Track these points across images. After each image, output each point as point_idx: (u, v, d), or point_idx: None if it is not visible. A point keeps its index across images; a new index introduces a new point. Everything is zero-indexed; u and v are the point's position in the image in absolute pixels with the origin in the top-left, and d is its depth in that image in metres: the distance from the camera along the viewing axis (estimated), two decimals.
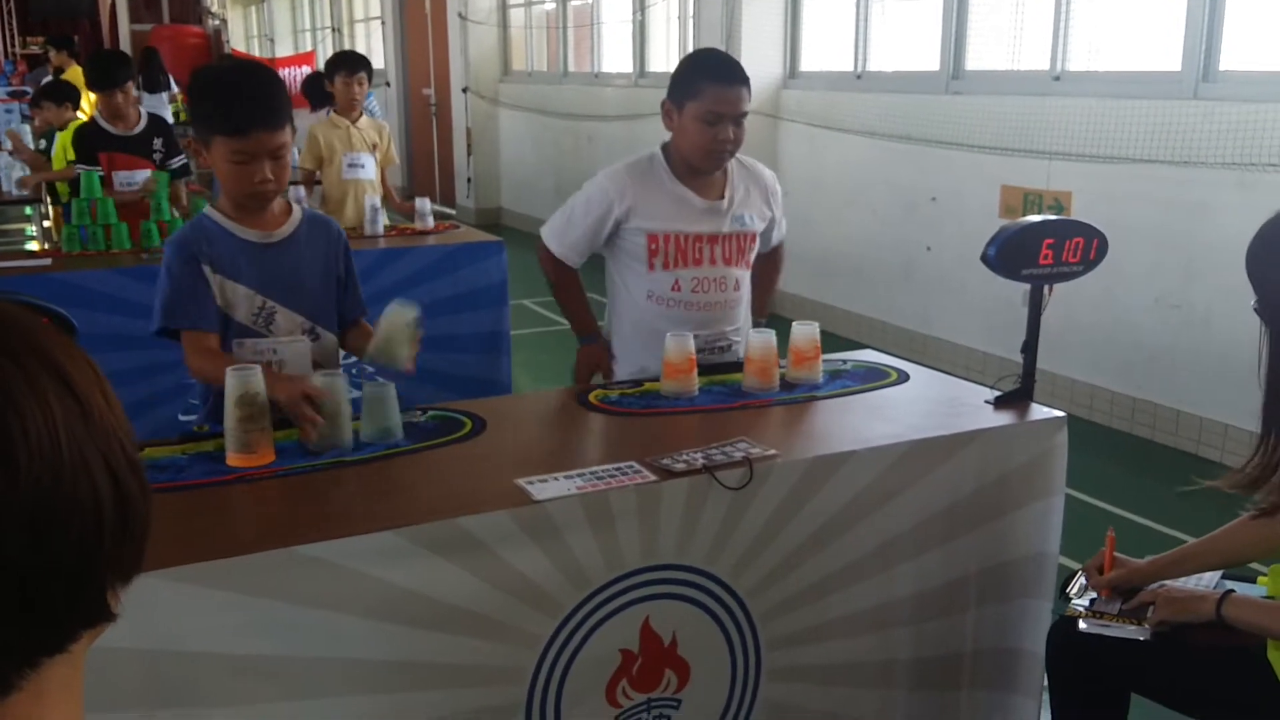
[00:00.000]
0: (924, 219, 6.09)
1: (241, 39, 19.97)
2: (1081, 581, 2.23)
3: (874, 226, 6.46)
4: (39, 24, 19.44)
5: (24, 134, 8.05)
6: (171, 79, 11.84)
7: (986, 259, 2.33)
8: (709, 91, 2.65)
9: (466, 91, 11.24)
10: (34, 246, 7.85)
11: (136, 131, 5.04)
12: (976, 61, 5.91)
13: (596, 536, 1.86)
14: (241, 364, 2.04)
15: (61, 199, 5.90)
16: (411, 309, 2.25)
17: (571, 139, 9.93)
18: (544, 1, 10.73)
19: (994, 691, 2.40)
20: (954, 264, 5.81)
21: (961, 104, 5.77)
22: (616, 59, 9.69)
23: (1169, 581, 2.14)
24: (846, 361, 2.74)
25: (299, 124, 2.47)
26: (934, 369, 2.89)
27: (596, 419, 2.34)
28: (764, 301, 3.05)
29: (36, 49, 17.25)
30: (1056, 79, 5.36)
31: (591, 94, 9.69)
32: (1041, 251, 2.34)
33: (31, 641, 0.58)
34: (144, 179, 4.96)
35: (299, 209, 2.47)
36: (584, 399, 2.43)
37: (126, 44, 18.33)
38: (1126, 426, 5.01)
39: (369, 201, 4.95)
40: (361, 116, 5.50)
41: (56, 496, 0.57)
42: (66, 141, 5.50)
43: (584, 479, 1.90)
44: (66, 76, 9.27)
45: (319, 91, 7.87)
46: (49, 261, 4.34)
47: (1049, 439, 2.32)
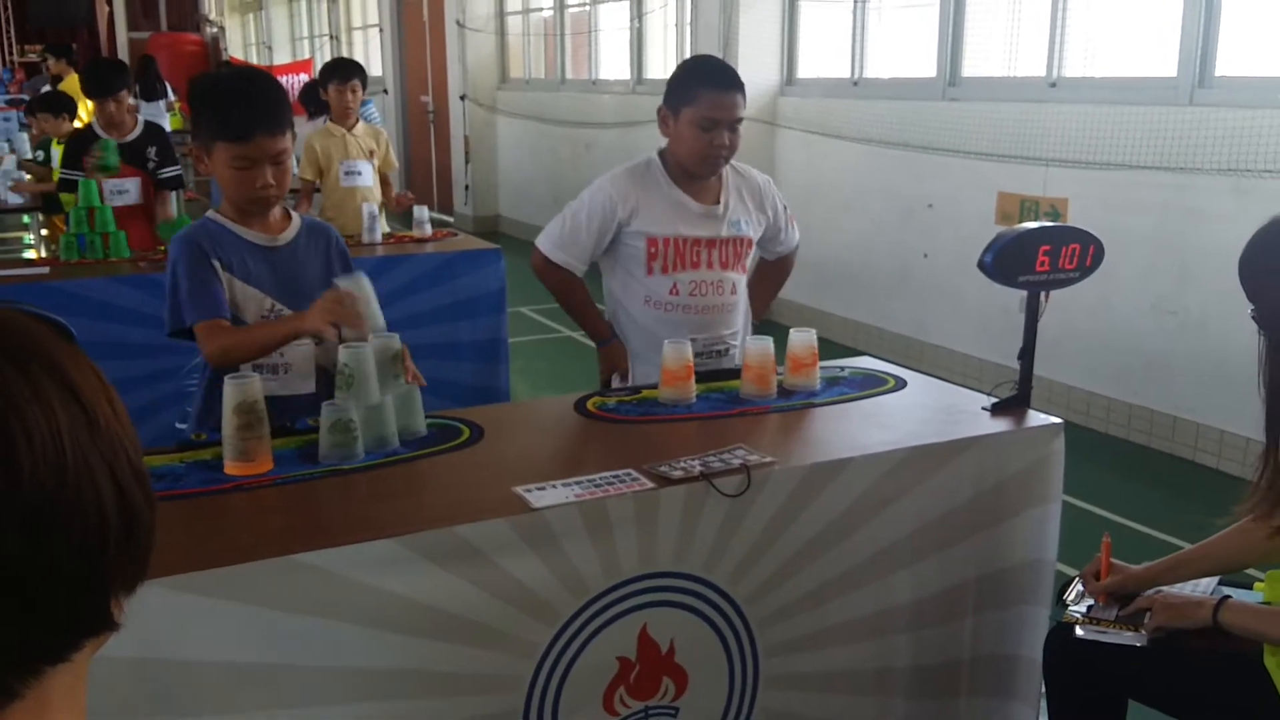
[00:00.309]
0: (921, 226, 6.09)
1: (239, 47, 19.99)
2: (1079, 588, 2.24)
3: (871, 233, 6.47)
4: (36, 32, 19.44)
5: (21, 142, 8.06)
6: (169, 87, 11.85)
7: (983, 266, 2.33)
8: (705, 97, 2.67)
9: (464, 99, 11.25)
10: (32, 255, 7.85)
11: (130, 139, 5.03)
12: (973, 68, 5.92)
13: (594, 544, 1.86)
14: (237, 374, 2.05)
15: (65, 208, 5.89)
16: (358, 279, 2.24)
17: (569, 146, 9.94)
18: (542, 9, 10.75)
19: (992, 699, 2.40)
20: (951, 271, 5.82)
21: (958, 111, 5.79)
22: (614, 66, 9.70)
23: (1166, 587, 2.14)
24: (844, 368, 2.74)
25: (297, 132, 2.47)
26: (931, 376, 2.89)
27: (594, 427, 2.34)
28: (761, 306, 3.06)
29: (34, 57, 17.26)
30: (1053, 85, 5.37)
31: (589, 101, 9.71)
32: (1038, 258, 2.34)
33: (33, 648, 0.59)
34: (134, 187, 4.94)
35: (298, 216, 2.49)
36: (582, 407, 2.43)
37: (124, 52, 18.34)
38: (1123, 433, 5.01)
39: (366, 209, 4.95)
40: (358, 124, 5.50)
41: (59, 502, 0.57)
42: (65, 151, 5.50)
43: (582, 487, 1.91)
44: (65, 85, 9.28)
45: (317, 99, 7.89)
46: (47, 270, 4.34)
47: (1046, 445, 2.32)
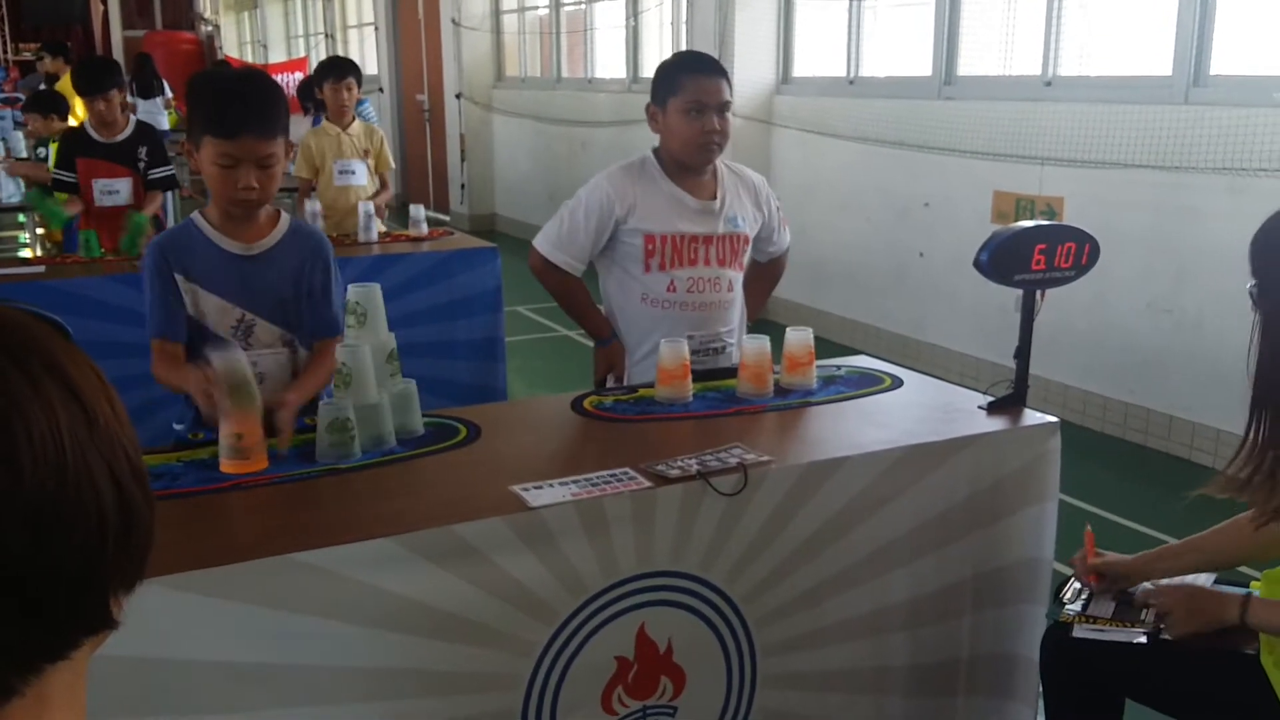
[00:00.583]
0: (917, 224, 6.10)
1: (234, 45, 19.96)
2: (1075, 586, 2.24)
3: (867, 232, 6.48)
4: (31, 29, 19.39)
5: (16, 140, 8.05)
6: (166, 84, 11.84)
7: (979, 264, 2.34)
8: (688, 84, 2.70)
9: (460, 97, 11.24)
10: (27, 254, 7.83)
11: (120, 139, 5.01)
12: (968, 67, 5.93)
13: (592, 543, 1.86)
14: (222, 350, 2.04)
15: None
16: (230, 358, 2.02)
17: (565, 145, 9.94)
18: (537, 7, 10.74)
19: (990, 698, 2.41)
20: (947, 269, 5.83)
21: (954, 109, 5.79)
22: (609, 65, 9.70)
23: (1173, 579, 2.11)
24: (840, 367, 2.74)
25: (293, 129, 2.45)
26: (927, 374, 2.89)
27: (591, 425, 2.34)
28: (756, 307, 3.06)
29: (29, 55, 17.21)
30: (1048, 84, 5.38)
31: (585, 100, 9.70)
32: (1034, 257, 2.34)
33: (32, 646, 0.59)
34: (125, 187, 4.94)
35: (286, 219, 2.44)
36: (579, 406, 2.43)
37: (119, 50, 18.32)
38: (1119, 432, 5.02)
39: (362, 208, 4.94)
40: (354, 122, 5.49)
41: (60, 500, 0.57)
42: (57, 150, 5.49)
43: (579, 485, 1.91)
44: (61, 83, 9.25)
45: (313, 97, 7.89)
46: (42, 269, 4.34)
47: (1042, 444, 2.33)
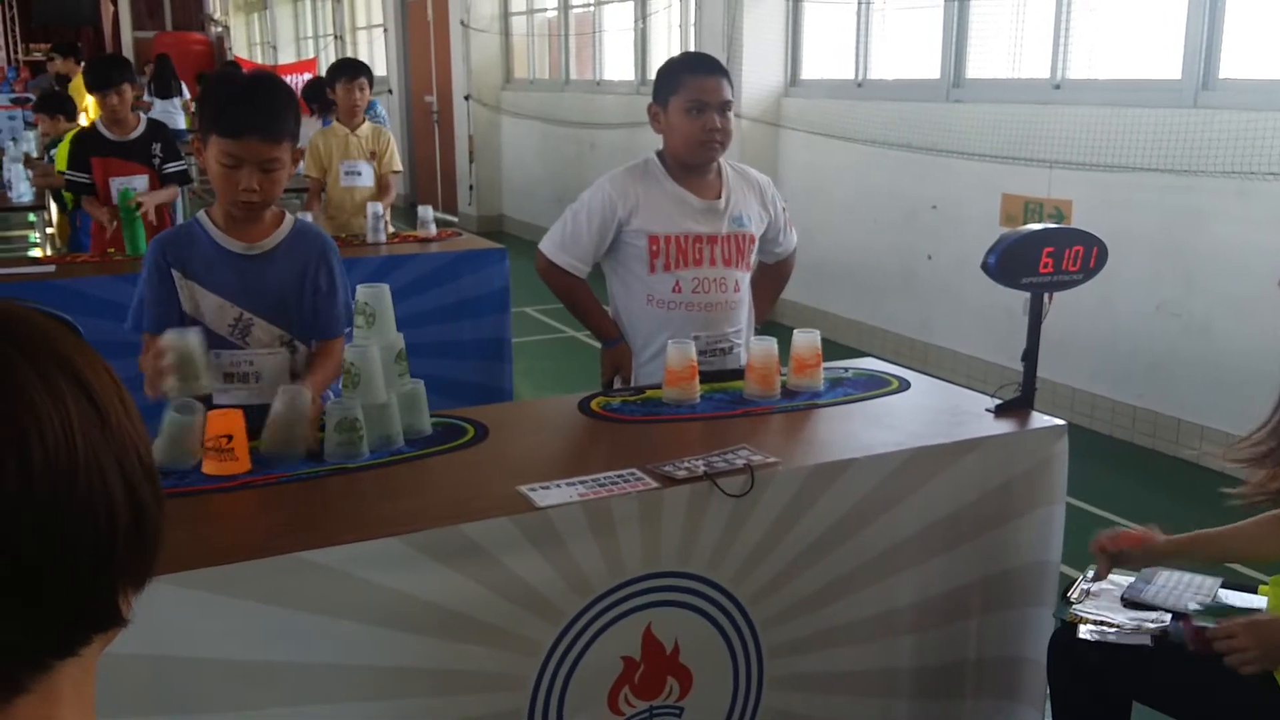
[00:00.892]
0: (925, 227, 6.09)
1: (244, 46, 20.01)
2: (1084, 587, 2.24)
3: (875, 235, 6.47)
4: (41, 30, 19.47)
5: (28, 140, 8.07)
6: (184, 86, 11.90)
7: (987, 267, 2.33)
8: (689, 83, 2.72)
9: (469, 99, 11.26)
10: (37, 253, 7.87)
11: (134, 137, 5.02)
12: (977, 70, 5.92)
13: (598, 543, 1.87)
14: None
15: (68, 205, 5.90)
16: (185, 336, 2.09)
17: (573, 146, 9.94)
18: (546, 9, 10.75)
19: (997, 700, 2.40)
20: (955, 272, 5.82)
21: (962, 112, 5.78)
22: (618, 67, 9.71)
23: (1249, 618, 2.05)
24: (848, 369, 2.74)
25: (302, 130, 2.45)
26: (935, 377, 2.89)
27: (598, 426, 2.35)
28: (763, 309, 3.06)
29: (40, 55, 17.29)
30: (1057, 87, 5.37)
31: (593, 102, 9.71)
32: (1041, 260, 2.34)
33: (42, 642, 0.59)
34: (142, 184, 4.95)
35: (290, 220, 2.44)
36: (586, 406, 2.44)
37: (129, 51, 18.41)
38: (1127, 435, 5.01)
39: (371, 209, 4.96)
40: (364, 123, 5.51)
41: (71, 499, 0.58)
42: (64, 150, 5.51)
43: (586, 486, 1.91)
44: (73, 84, 9.29)
45: (321, 97, 7.92)
46: (53, 268, 4.35)
47: (1050, 447, 2.32)
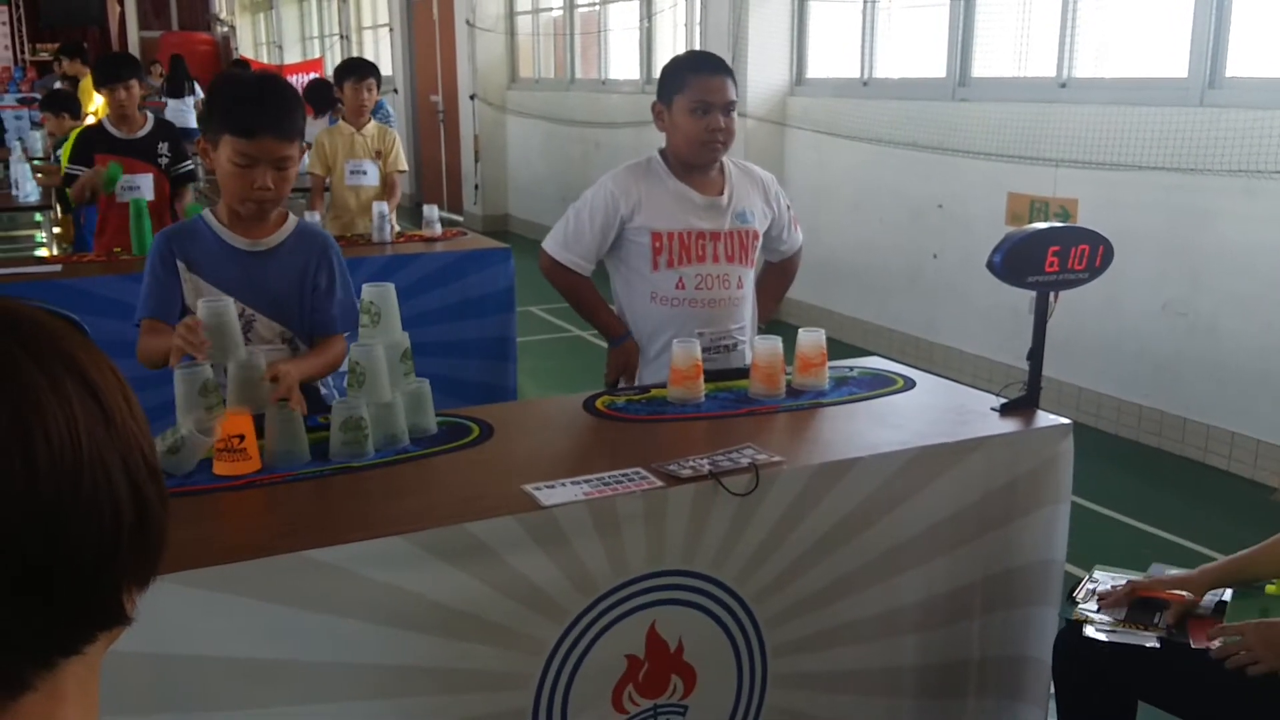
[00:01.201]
0: (930, 226, 6.09)
1: (250, 46, 20.05)
2: (1089, 587, 2.23)
3: (880, 233, 6.47)
4: (48, 31, 19.52)
5: (34, 140, 8.10)
6: (198, 86, 11.93)
7: (992, 266, 2.33)
8: (694, 82, 2.72)
9: (474, 98, 11.27)
10: (44, 253, 7.89)
11: (141, 135, 5.03)
12: (983, 68, 5.91)
13: (603, 542, 1.87)
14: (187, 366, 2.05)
15: (71, 204, 5.91)
16: (220, 308, 2.12)
17: (579, 146, 9.95)
18: (551, 9, 10.76)
19: (1000, 699, 2.40)
20: (960, 271, 5.81)
21: (968, 111, 5.78)
22: (623, 66, 9.71)
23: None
24: (853, 368, 2.74)
25: (305, 130, 2.47)
26: (940, 376, 2.89)
27: (603, 425, 2.35)
28: (769, 308, 3.06)
29: (46, 55, 17.33)
30: (1063, 86, 5.36)
31: (599, 101, 9.71)
32: (1047, 259, 2.34)
33: (46, 640, 0.59)
34: (146, 183, 4.94)
35: (293, 220, 2.48)
36: (591, 406, 2.44)
37: (135, 50, 18.43)
38: (1133, 434, 5.00)
39: (377, 208, 4.96)
40: (370, 123, 5.52)
41: (75, 498, 0.58)
42: (68, 147, 5.51)
43: (591, 485, 1.91)
44: (82, 85, 9.31)
45: (321, 98, 7.94)
46: (59, 268, 4.36)
47: (1055, 446, 2.32)
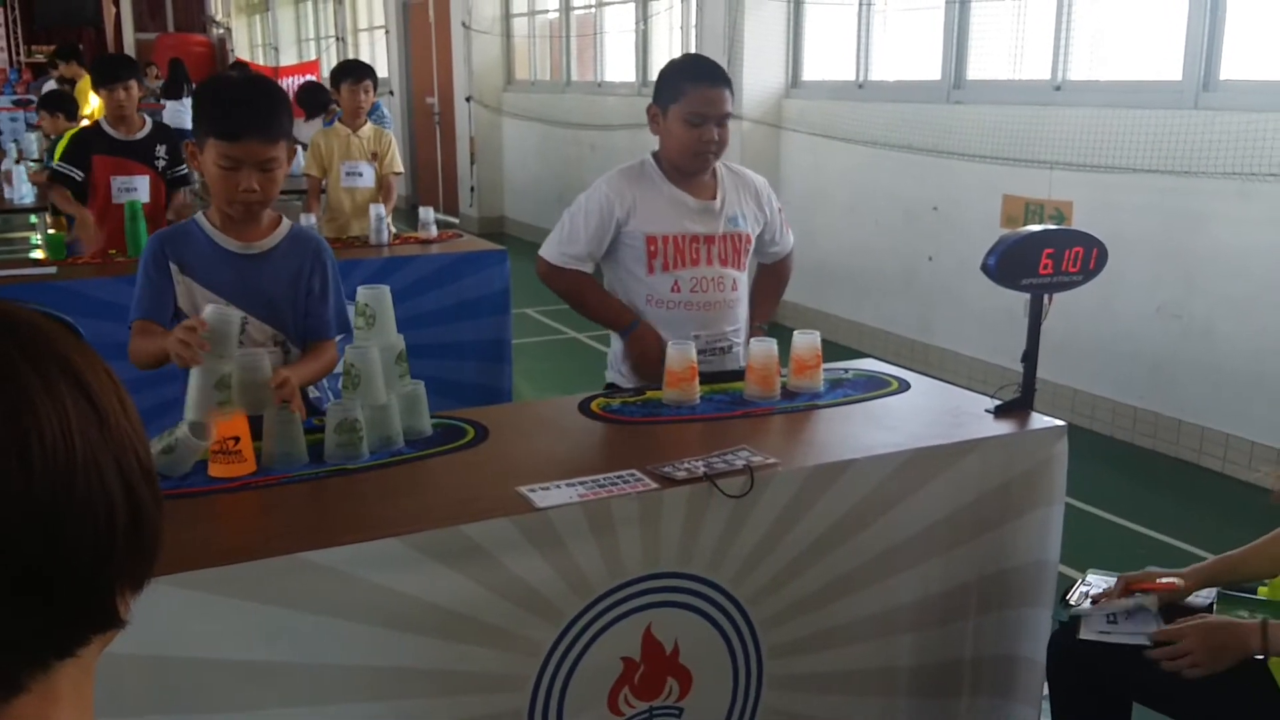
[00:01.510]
0: (925, 228, 6.10)
1: (246, 48, 20.02)
2: (1082, 589, 2.24)
3: (875, 236, 6.48)
4: (43, 32, 19.48)
5: (30, 142, 8.09)
6: (195, 86, 11.91)
7: (986, 268, 2.34)
8: (692, 93, 2.71)
9: (470, 100, 11.27)
10: (39, 255, 7.88)
11: (139, 137, 5.02)
12: (978, 71, 5.93)
13: (598, 544, 1.87)
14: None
15: (56, 203, 5.89)
16: (224, 313, 2.11)
17: (575, 148, 9.95)
18: (547, 11, 10.76)
19: (994, 699, 2.41)
20: (955, 273, 5.82)
21: (963, 113, 5.79)
22: (619, 68, 9.71)
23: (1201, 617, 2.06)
24: (847, 370, 2.75)
25: (296, 133, 2.47)
26: (935, 378, 2.89)
27: (598, 427, 2.35)
28: (767, 309, 3.05)
29: (41, 57, 17.31)
30: (1058, 89, 5.37)
31: (594, 103, 9.72)
32: (1041, 261, 2.35)
33: (40, 642, 0.59)
34: (143, 185, 4.94)
35: (287, 224, 2.48)
36: (586, 407, 2.44)
37: (131, 52, 18.39)
38: (1127, 436, 5.01)
39: (373, 210, 4.97)
40: (366, 125, 5.52)
41: (70, 500, 0.58)
42: (61, 145, 5.49)
43: (586, 487, 1.91)
44: (79, 86, 9.29)
45: (313, 100, 7.94)
46: (54, 270, 4.35)
47: (1049, 448, 2.33)
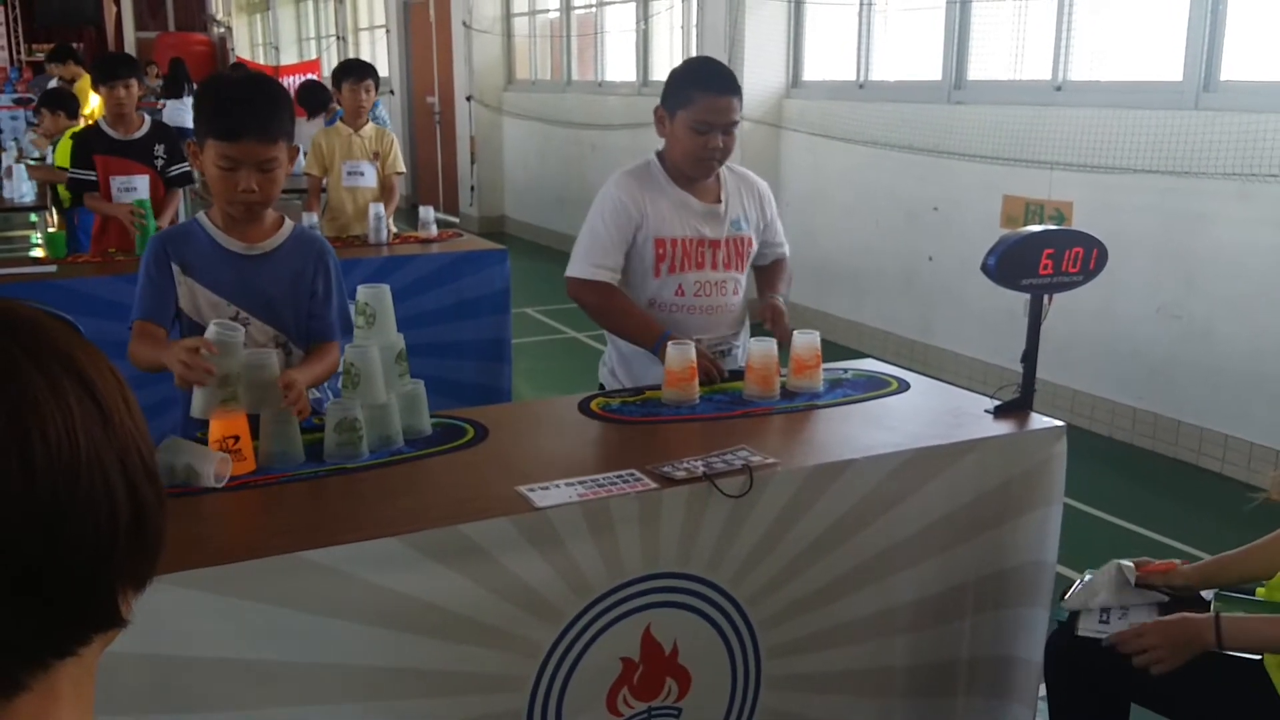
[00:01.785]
0: (926, 228, 6.10)
1: (246, 47, 20.02)
2: (1076, 590, 2.24)
3: (876, 236, 6.48)
4: (44, 31, 19.48)
5: (29, 141, 8.09)
6: (195, 85, 11.91)
7: (986, 269, 2.34)
8: (700, 101, 2.69)
9: (470, 100, 11.27)
10: (39, 253, 7.88)
11: (138, 136, 5.02)
12: (979, 71, 5.93)
13: (598, 544, 1.87)
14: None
15: (64, 204, 5.90)
16: (229, 331, 2.10)
17: (575, 148, 9.95)
18: (548, 11, 10.76)
19: (990, 699, 2.41)
20: (955, 274, 5.82)
21: (963, 114, 5.79)
22: (620, 68, 9.71)
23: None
24: (847, 370, 2.75)
25: (298, 132, 2.47)
26: (934, 378, 2.89)
27: (597, 427, 2.35)
28: (779, 286, 2.93)
29: (42, 56, 17.30)
30: (1058, 89, 5.37)
31: (595, 103, 9.71)
32: (1041, 261, 2.35)
33: (41, 641, 0.59)
34: (142, 184, 4.94)
35: (290, 225, 2.47)
36: (586, 407, 2.44)
37: (131, 50, 18.39)
38: (1127, 437, 5.01)
39: (373, 210, 4.97)
40: (368, 124, 5.52)
41: (73, 499, 0.58)
42: (64, 147, 5.50)
43: (585, 486, 1.92)
44: (79, 86, 9.29)
45: (314, 99, 7.94)
46: (54, 268, 4.35)
47: (1048, 448, 2.33)
